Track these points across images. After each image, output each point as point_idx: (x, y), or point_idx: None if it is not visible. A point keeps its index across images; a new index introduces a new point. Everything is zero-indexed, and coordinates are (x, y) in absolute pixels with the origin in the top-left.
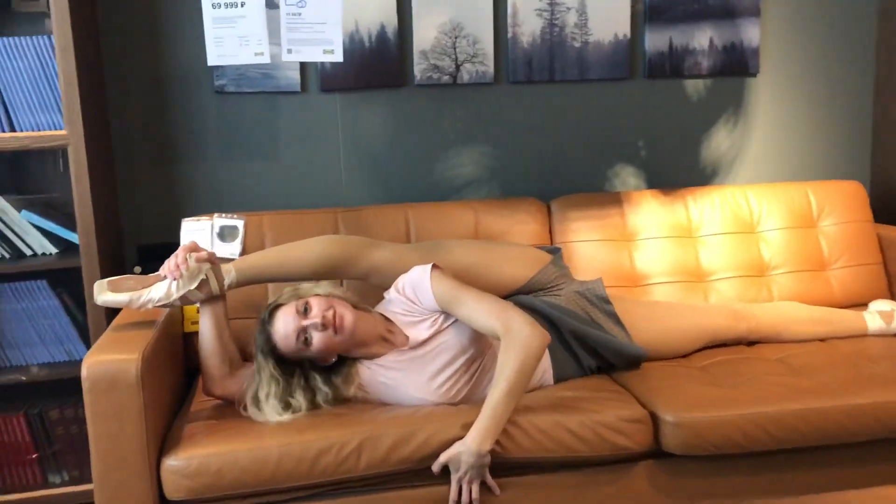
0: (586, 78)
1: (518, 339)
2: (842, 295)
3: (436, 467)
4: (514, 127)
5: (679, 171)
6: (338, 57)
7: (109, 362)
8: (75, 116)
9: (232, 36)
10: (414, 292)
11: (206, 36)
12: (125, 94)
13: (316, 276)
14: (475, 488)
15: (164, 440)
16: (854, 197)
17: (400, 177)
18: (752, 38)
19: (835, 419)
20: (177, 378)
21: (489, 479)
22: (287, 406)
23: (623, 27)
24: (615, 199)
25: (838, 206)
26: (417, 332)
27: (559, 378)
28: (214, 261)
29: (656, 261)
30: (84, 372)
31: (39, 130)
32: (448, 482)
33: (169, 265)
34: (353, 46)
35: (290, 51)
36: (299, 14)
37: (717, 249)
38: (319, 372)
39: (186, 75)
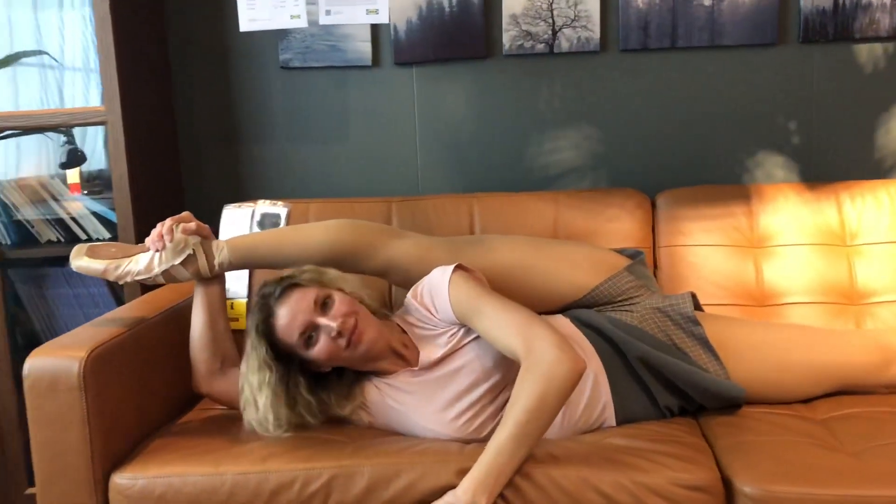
0: (719, 44)
1: (540, 365)
2: None
3: None
4: (625, 105)
5: (846, 162)
6: (383, 18)
7: (51, 361)
8: (113, 92)
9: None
10: (431, 298)
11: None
12: (190, 70)
13: (322, 265)
14: None
15: (130, 452)
16: None
17: (485, 164)
18: None
19: None
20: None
21: None
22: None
23: None
24: (742, 194)
25: None
26: (431, 350)
27: (624, 419)
28: (206, 234)
29: (793, 274)
30: (24, 370)
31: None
32: None
33: (152, 235)
34: (430, 13)
35: (328, 12)
36: None
37: (880, 263)
38: (305, 376)
39: (251, 49)
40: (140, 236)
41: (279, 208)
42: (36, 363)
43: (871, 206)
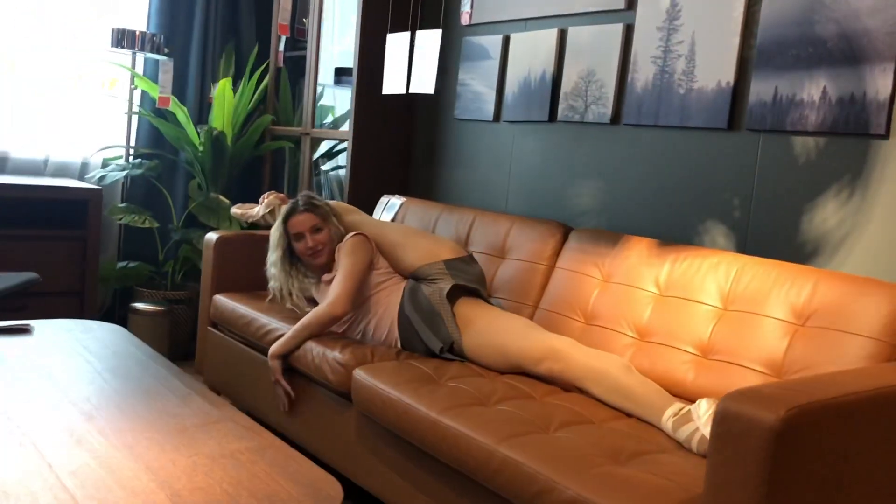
0: (687, 125)
1: (321, 305)
2: None
3: None
4: (623, 166)
5: (775, 240)
6: (430, 90)
7: (209, 236)
8: (352, 126)
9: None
10: (340, 247)
11: (385, 75)
12: (423, 116)
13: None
14: (281, 386)
15: (227, 290)
16: (882, 303)
17: (542, 196)
18: (879, 90)
19: (433, 431)
20: None
21: (282, 381)
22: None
23: (728, 74)
24: (617, 241)
25: (850, 312)
26: (332, 273)
27: (407, 348)
28: (284, 200)
29: (612, 306)
30: (206, 238)
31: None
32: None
33: (261, 198)
34: (525, 87)
35: (414, 85)
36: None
37: (669, 313)
38: (293, 256)
39: (444, 105)
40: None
41: (398, 199)
42: (207, 237)
43: (688, 267)
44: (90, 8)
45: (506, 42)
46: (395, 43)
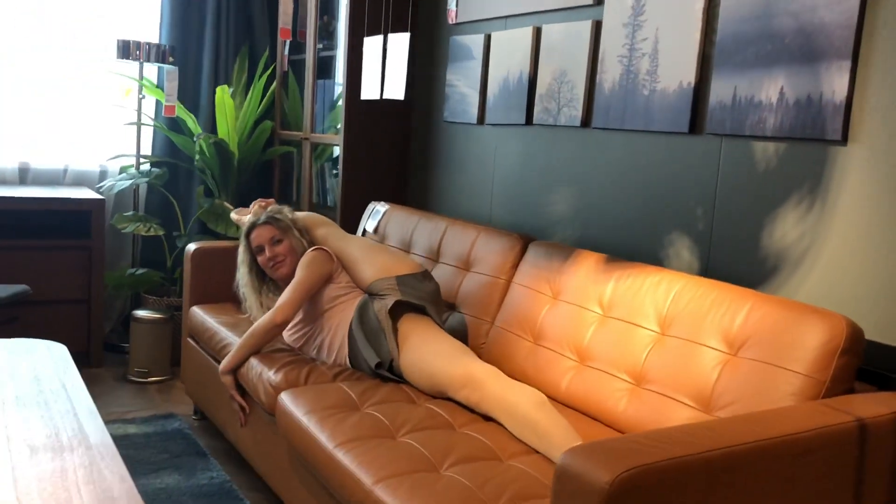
0: (650, 129)
1: (266, 314)
2: None
3: None
4: (593, 172)
5: (738, 254)
6: (400, 96)
7: (188, 247)
8: (342, 129)
9: (366, 81)
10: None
11: (362, 80)
12: (417, 121)
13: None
14: (236, 401)
15: (199, 303)
16: (814, 335)
17: (521, 203)
18: (836, 91)
19: (328, 464)
20: None
21: (236, 397)
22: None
23: (689, 74)
24: (569, 255)
25: (781, 343)
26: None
27: (355, 365)
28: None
29: (557, 326)
30: (186, 250)
31: None
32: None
33: (251, 205)
34: (505, 89)
35: (385, 91)
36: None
37: (609, 336)
38: (259, 272)
39: (436, 107)
40: (344, 217)
41: (382, 207)
42: (189, 246)
43: (629, 286)
44: (91, 9)
45: (487, 41)
46: (371, 47)
